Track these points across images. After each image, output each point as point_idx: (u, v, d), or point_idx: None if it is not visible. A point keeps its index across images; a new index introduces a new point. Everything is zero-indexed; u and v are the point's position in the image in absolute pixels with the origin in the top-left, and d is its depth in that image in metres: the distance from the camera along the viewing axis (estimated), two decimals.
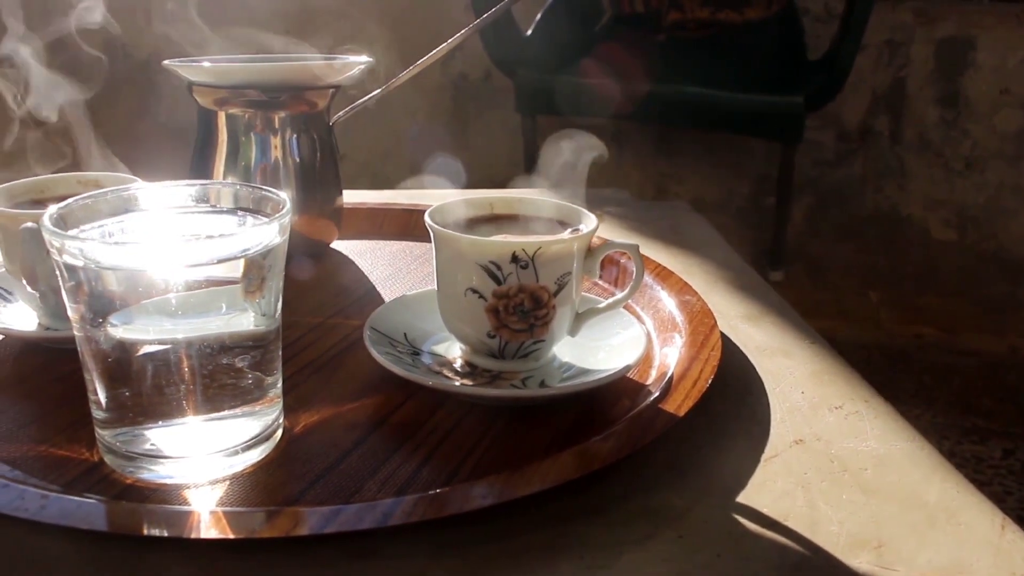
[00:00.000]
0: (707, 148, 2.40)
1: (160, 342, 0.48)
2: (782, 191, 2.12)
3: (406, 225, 0.93)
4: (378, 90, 0.81)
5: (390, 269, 0.83)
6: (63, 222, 0.49)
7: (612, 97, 1.97)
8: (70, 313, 0.49)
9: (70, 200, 0.51)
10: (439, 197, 1.02)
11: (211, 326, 0.48)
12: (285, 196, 0.51)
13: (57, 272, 0.48)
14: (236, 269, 0.47)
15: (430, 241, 0.88)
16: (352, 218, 0.90)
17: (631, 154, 2.41)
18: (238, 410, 0.51)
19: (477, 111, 2.39)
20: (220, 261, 0.46)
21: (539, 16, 2.12)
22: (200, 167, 0.79)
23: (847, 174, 2.43)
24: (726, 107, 1.92)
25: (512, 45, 2.03)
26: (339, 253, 0.87)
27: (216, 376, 0.49)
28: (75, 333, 0.49)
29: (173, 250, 0.47)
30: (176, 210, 0.54)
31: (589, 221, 0.61)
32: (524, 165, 2.15)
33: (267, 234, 0.48)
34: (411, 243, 0.90)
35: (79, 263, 0.46)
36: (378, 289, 0.79)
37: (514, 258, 0.56)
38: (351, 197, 0.90)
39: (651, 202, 1.11)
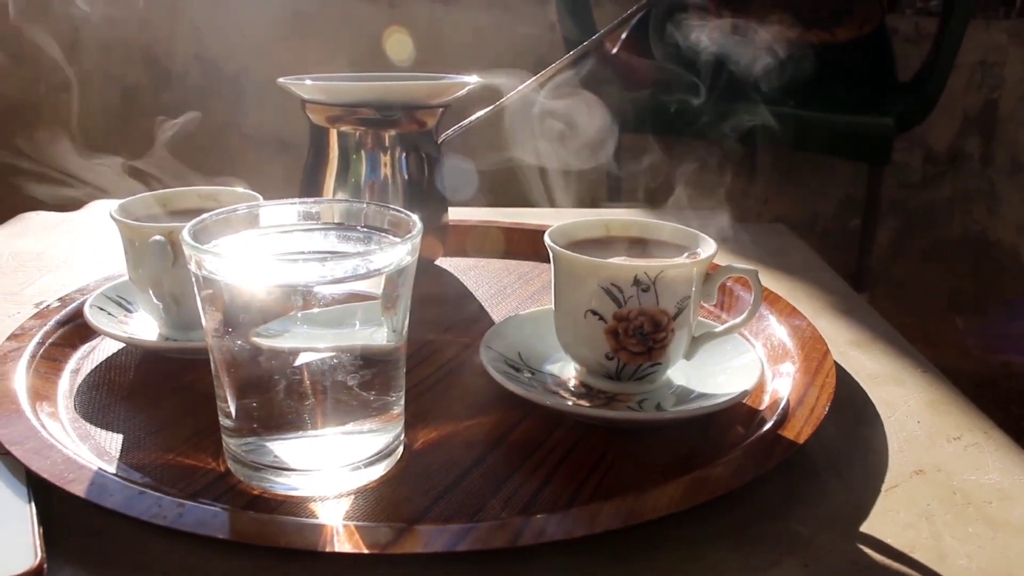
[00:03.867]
0: (790, 168, 2.38)
1: (292, 354, 0.49)
2: (868, 213, 2.09)
3: (508, 243, 0.94)
4: (485, 109, 0.82)
5: (495, 287, 0.84)
6: (199, 236, 0.50)
7: (698, 116, 1.96)
8: (204, 322, 0.50)
9: (205, 216, 0.52)
10: (537, 216, 1.03)
11: (347, 341, 0.49)
12: (416, 217, 0.52)
13: (193, 283, 0.49)
14: (377, 285, 0.48)
15: (532, 260, 0.89)
16: (454, 235, 0.91)
17: (713, 173, 2.39)
18: (364, 425, 0.52)
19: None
20: (358, 278, 0.47)
21: (624, 34, 2.12)
22: (311, 183, 0.81)
23: (935, 197, 2.39)
24: (814, 127, 1.89)
25: (597, 63, 2.04)
26: (444, 270, 0.88)
27: (345, 390, 0.50)
28: (208, 341, 0.51)
29: (311, 267, 0.48)
30: (304, 227, 0.55)
31: (707, 245, 0.61)
32: (607, 184, 2.14)
33: (401, 252, 0.49)
34: (513, 261, 0.91)
35: (217, 277, 0.47)
36: (485, 307, 0.79)
37: (636, 281, 0.56)
38: (451, 214, 0.91)
39: (750, 224, 1.11)
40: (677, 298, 0.58)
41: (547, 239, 0.61)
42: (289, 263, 0.51)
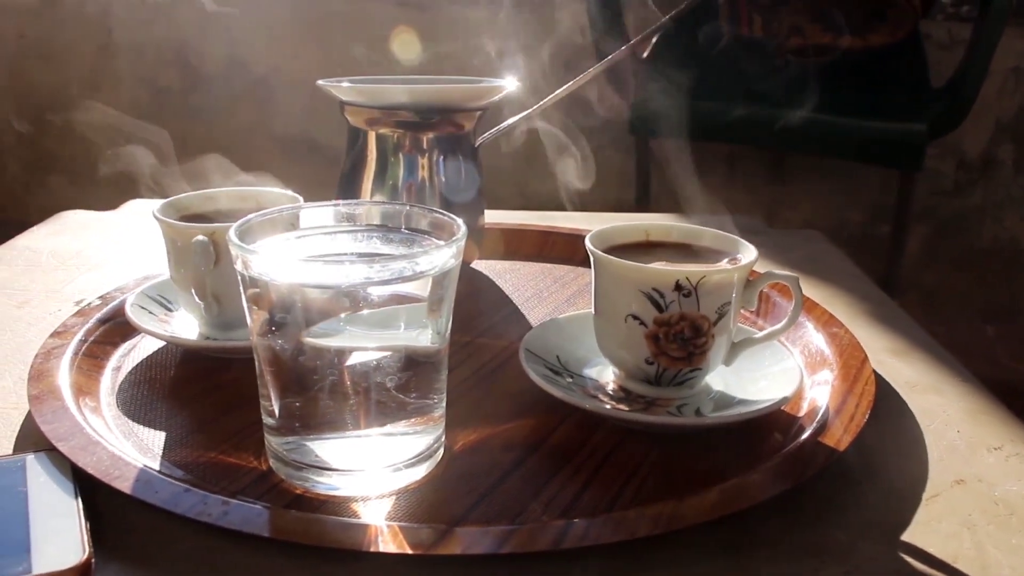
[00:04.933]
0: (820, 174, 2.36)
1: (338, 355, 0.49)
2: (898, 220, 2.08)
3: (543, 247, 0.94)
4: (522, 113, 0.82)
5: (531, 290, 0.84)
6: (244, 236, 0.51)
7: (729, 122, 1.96)
8: (249, 321, 0.51)
9: (250, 216, 0.53)
10: (569, 219, 1.03)
11: (392, 343, 0.50)
12: (460, 220, 0.52)
13: (239, 282, 0.50)
14: (424, 288, 0.49)
15: (568, 263, 0.89)
16: (489, 238, 0.91)
17: (742, 178, 2.38)
18: (406, 426, 0.52)
19: (588, 132, 2.37)
20: (405, 279, 0.48)
21: (655, 38, 2.11)
22: (349, 185, 0.81)
23: (966, 204, 2.37)
24: (845, 134, 1.89)
25: (628, 66, 2.03)
26: (480, 273, 0.88)
27: (389, 392, 0.50)
28: (253, 340, 0.51)
29: (359, 268, 0.49)
30: (347, 228, 0.56)
31: (748, 251, 0.61)
32: (636, 187, 2.14)
33: (446, 255, 0.49)
34: (549, 265, 0.91)
35: (264, 277, 0.48)
36: (522, 310, 0.79)
37: (677, 286, 0.56)
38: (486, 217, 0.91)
39: (784, 231, 1.10)
40: (718, 304, 0.58)
41: (588, 243, 0.61)
42: (337, 264, 0.51)
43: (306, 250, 0.54)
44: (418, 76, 0.86)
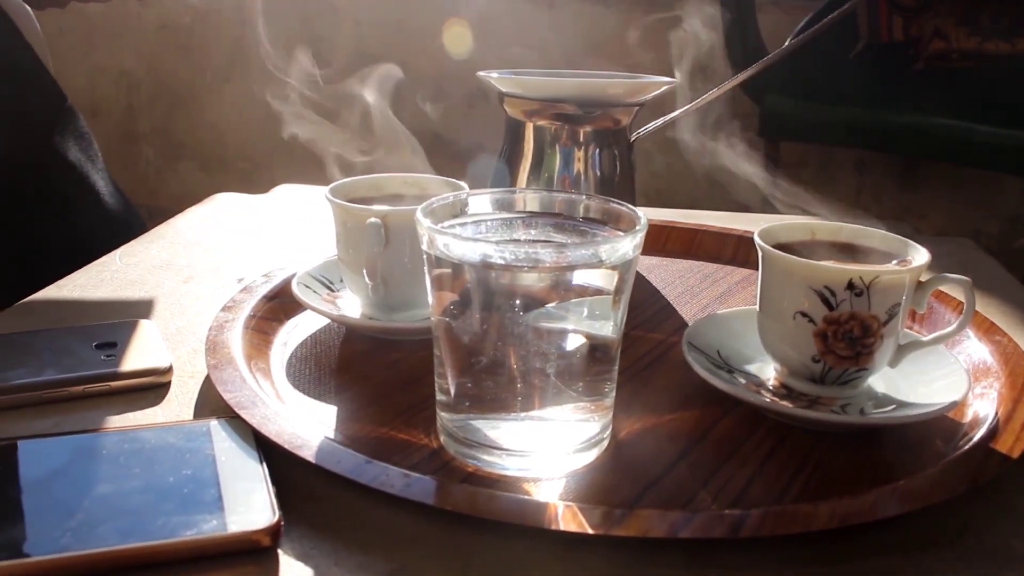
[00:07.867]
0: (954, 183, 2.30)
1: (520, 339, 0.50)
2: None
3: (690, 244, 0.94)
4: (678, 111, 0.83)
5: (681, 287, 0.84)
6: (427, 218, 0.52)
7: (861, 126, 1.92)
8: (431, 300, 0.52)
9: (433, 200, 0.54)
10: (714, 218, 1.03)
11: (573, 331, 0.51)
12: (640, 212, 0.53)
13: (425, 263, 0.51)
14: (610, 279, 0.50)
15: (716, 261, 0.89)
16: None
17: (871, 184, 2.33)
18: (580, 413, 0.53)
19: (716, 132, 2.34)
20: (590, 266, 0.49)
21: (789, 40, 2.09)
22: (504, 175, 0.82)
23: None
24: (985, 142, 1.83)
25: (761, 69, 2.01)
26: None
27: (567, 378, 0.51)
28: (433, 319, 0.53)
29: (547, 252, 0.50)
30: (522, 215, 0.57)
31: (919, 254, 0.60)
32: (763, 189, 2.12)
33: (628, 245, 0.50)
34: (696, 262, 0.91)
35: (453, 258, 0.49)
36: (673, 305, 0.80)
37: (850, 285, 0.56)
38: None
39: (934, 237, 1.08)
40: (888, 304, 0.57)
41: (757, 239, 0.61)
42: (526, 247, 0.52)
43: (485, 234, 0.55)
44: (574, 71, 0.87)
